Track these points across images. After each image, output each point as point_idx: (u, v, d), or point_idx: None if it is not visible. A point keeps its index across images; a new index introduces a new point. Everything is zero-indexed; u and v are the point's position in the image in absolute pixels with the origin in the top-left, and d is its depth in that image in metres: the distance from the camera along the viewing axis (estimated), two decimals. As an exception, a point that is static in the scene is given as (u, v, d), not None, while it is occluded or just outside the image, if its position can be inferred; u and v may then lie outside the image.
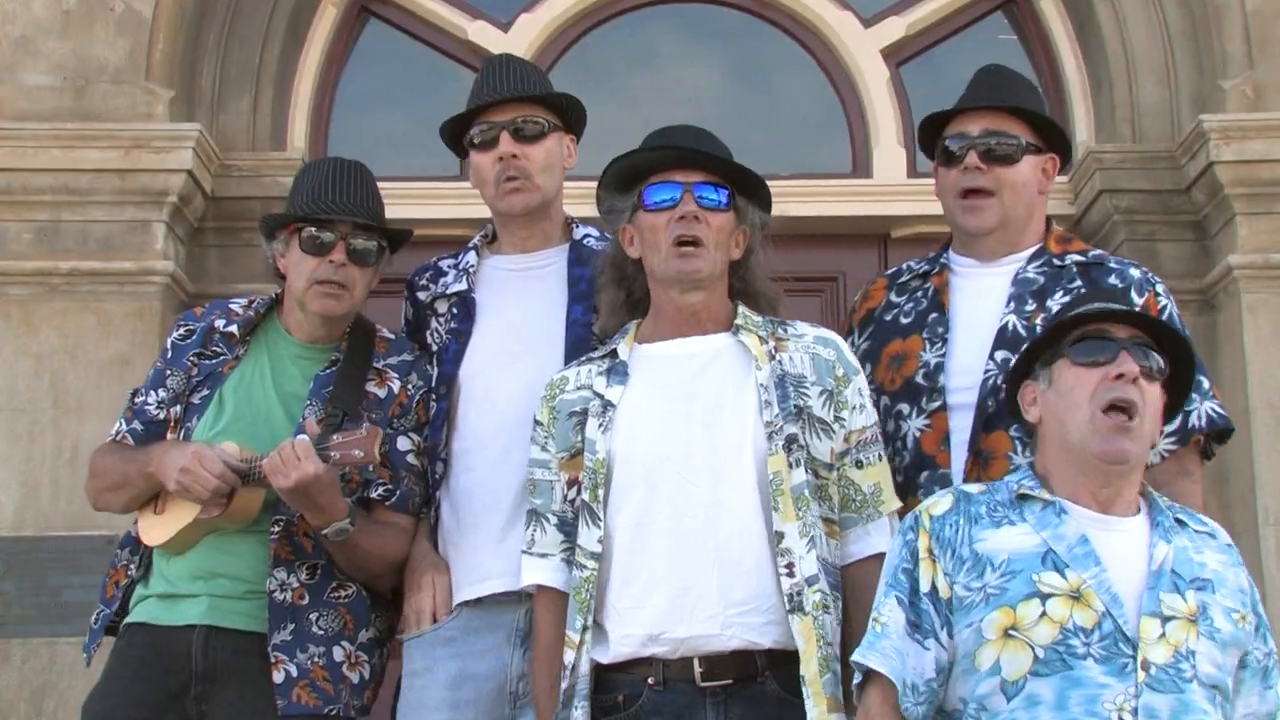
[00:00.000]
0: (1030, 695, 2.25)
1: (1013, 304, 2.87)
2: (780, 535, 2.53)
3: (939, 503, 2.44)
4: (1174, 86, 4.70)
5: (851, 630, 2.53)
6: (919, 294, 3.01)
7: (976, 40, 5.14)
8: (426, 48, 5.14)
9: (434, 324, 3.10)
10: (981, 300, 2.91)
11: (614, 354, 2.71)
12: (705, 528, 2.53)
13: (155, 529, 3.01)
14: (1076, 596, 2.27)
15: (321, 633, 2.96)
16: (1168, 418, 2.50)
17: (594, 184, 2.82)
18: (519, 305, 3.04)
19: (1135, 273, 2.91)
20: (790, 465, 2.56)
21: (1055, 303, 2.82)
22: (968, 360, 2.84)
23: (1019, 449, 2.76)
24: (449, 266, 3.14)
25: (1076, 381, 2.38)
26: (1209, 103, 4.53)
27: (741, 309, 2.73)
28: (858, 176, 4.99)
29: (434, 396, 3.04)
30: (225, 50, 4.78)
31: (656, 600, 2.52)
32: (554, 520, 2.68)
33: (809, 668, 2.48)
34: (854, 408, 2.66)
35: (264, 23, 4.82)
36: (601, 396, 2.65)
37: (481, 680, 2.86)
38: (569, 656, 2.56)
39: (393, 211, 4.77)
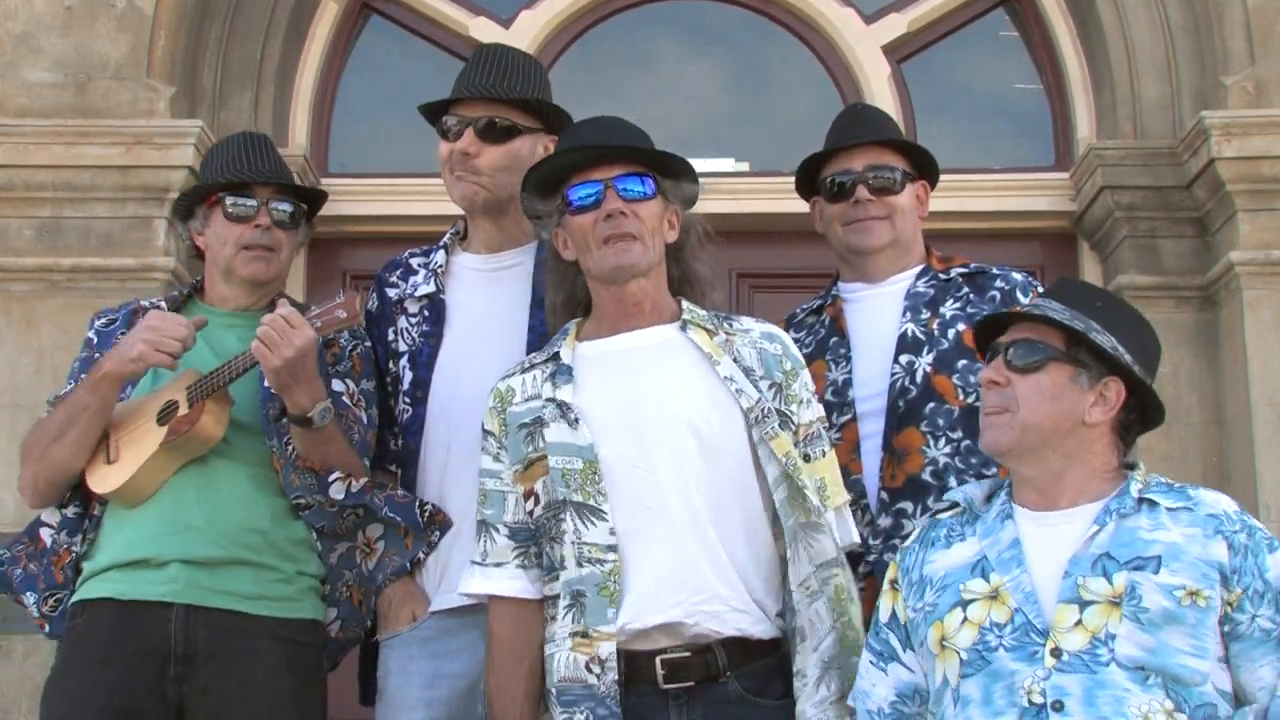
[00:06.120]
0: (964, 697, 2.32)
1: (908, 314, 3.03)
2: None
3: (912, 535, 2.55)
4: (1175, 83, 4.70)
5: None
6: (816, 326, 3.15)
7: (978, 37, 5.15)
8: (427, 44, 5.15)
9: (403, 323, 3.05)
10: (878, 316, 3.06)
11: (556, 357, 2.66)
12: (661, 521, 2.51)
13: (112, 475, 2.89)
14: (994, 596, 2.34)
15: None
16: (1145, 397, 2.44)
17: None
18: (485, 307, 3.01)
19: (1018, 276, 3.12)
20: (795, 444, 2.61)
21: (948, 310, 3.03)
22: (872, 370, 2.95)
23: (931, 443, 2.90)
24: (419, 265, 3.10)
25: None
26: (1210, 99, 4.53)
27: (685, 304, 2.70)
28: (859, 173, 4.98)
29: (409, 401, 2.99)
30: (226, 47, 4.78)
31: (633, 592, 2.50)
32: (504, 530, 2.62)
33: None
34: (801, 401, 2.68)
35: (265, 19, 4.83)
36: (554, 399, 2.60)
37: (456, 679, 2.85)
38: (604, 649, 2.48)
39: (394, 208, 4.87)
